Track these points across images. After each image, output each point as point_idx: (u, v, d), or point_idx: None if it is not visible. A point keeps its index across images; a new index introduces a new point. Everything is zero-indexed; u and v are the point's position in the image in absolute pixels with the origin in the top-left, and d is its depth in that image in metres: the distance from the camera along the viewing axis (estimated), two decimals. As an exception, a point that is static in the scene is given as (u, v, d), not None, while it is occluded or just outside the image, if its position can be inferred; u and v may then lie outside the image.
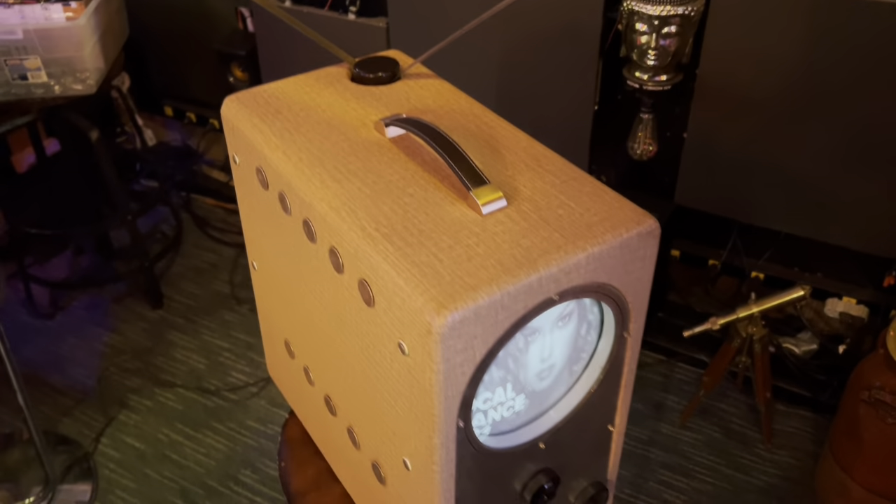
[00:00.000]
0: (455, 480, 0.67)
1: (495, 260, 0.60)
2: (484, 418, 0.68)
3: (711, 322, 1.72)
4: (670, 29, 1.56)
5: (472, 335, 0.58)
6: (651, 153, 1.79)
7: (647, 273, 0.68)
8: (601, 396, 0.75)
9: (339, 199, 0.67)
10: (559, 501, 0.82)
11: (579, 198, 0.67)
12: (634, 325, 0.71)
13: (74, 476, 1.82)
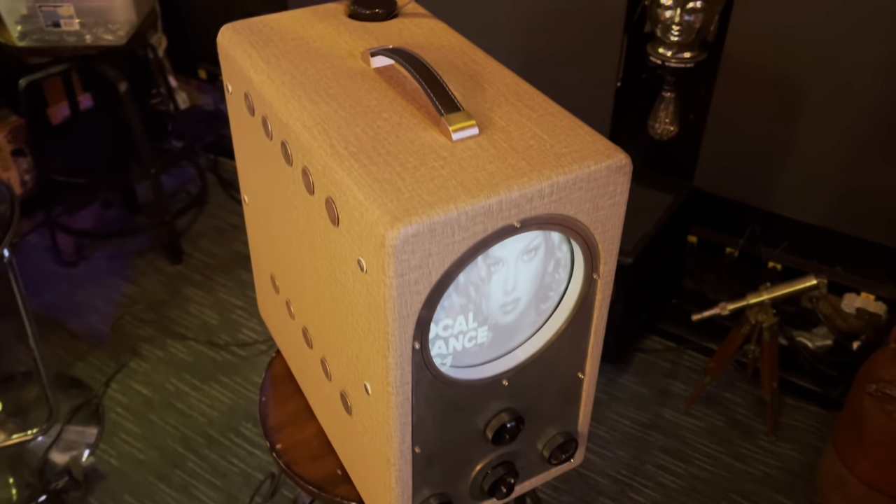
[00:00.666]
0: (412, 405, 0.68)
1: (457, 181, 0.60)
2: (445, 346, 0.68)
3: (721, 307, 1.70)
4: (695, 4, 1.53)
5: (426, 252, 0.58)
6: (671, 133, 1.77)
7: (617, 212, 0.67)
8: (570, 340, 0.75)
9: (314, 120, 0.67)
10: (527, 448, 0.82)
11: (553, 131, 0.66)
12: (605, 268, 0.71)
13: (83, 417, 1.86)
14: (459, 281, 0.64)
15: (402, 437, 0.69)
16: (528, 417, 0.78)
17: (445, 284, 0.61)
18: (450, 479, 0.77)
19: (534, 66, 1.88)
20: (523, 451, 0.81)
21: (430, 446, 0.72)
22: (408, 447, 0.71)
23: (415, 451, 0.72)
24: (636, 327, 1.98)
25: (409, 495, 0.75)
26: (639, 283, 1.79)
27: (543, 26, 1.81)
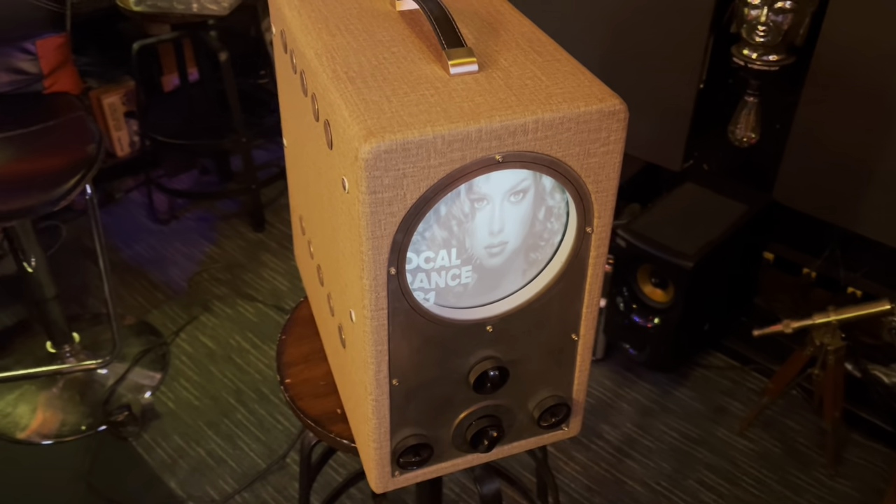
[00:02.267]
0: (388, 333, 0.69)
1: (441, 109, 0.61)
2: (427, 280, 0.69)
3: (784, 324, 1.62)
4: (784, 4, 1.47)
5: (400, 172, 0.59)
6: (752, 140, 1.71)
7: (611, 162, 0.66)
8: (562, 296, 0.74)
9: (325, 48, 0.70)
10: (516, 407, 0.81)
11: (553, 74, 0.66)
12: (599, 222, 0.69)
13: (150, 360, 1.97)
14: (441, 212, 0.65)
15: (378, 365, 0.70)
16: (516, 371, 0.77)
17: (423, 210, 0.62)
18: (431, 422, 0.78)
19: (615, 60, 1.86)
20: (512, 409, 0.81)
21: (408, 381, 0.73)
22: (384, 377, 0.72)
23: (392, 384, 0.73)
24: (696, 339, 1.91)
25: (387, 429, 0.76)
26: (700, 292, 1.73)
27: (627, 20, 1.79)
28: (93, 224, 1.61)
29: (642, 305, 1.79)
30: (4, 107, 1.63)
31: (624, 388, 1.92)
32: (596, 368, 1.96)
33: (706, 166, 1.93)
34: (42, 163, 1.46)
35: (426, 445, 0.78)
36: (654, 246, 1.69)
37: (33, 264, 1.69)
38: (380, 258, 0.64)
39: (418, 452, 0.78)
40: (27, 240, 1.66)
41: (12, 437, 1.77)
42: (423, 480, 0.82)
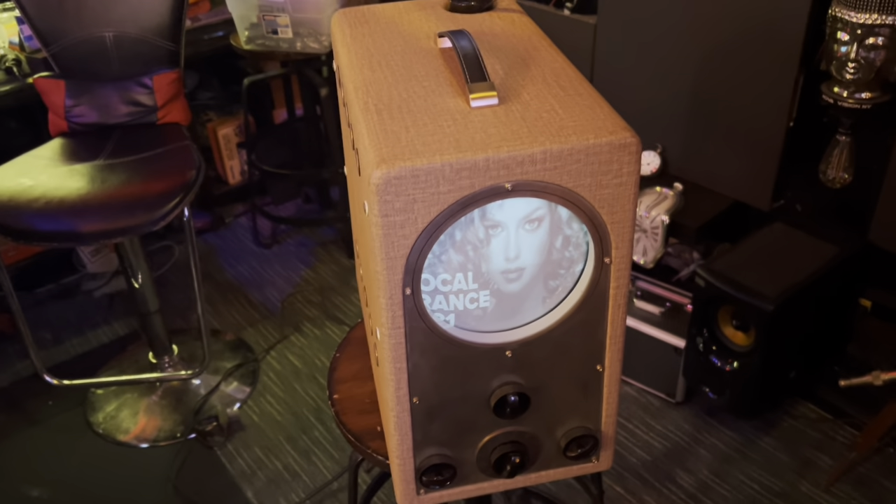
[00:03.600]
0: (406, 352, 0.72)
1: (454, 139, 0.64)
2: (446, 302, 0.72)
3: (873, 376, 1.53)
4: (876, 41, 1.42)
5: (410, 197, 0.63)
6: (845, 181, 1.63)
7: (625, 194, 0.67)
8: (583, 326, 0.75)
9: (364, 82, 0.75)
10: (543, 434, 0.82)
11: (571, 107, 0.68)
12: (617, 252, 0.70)
13: (241, 375, 2.08)
14: (455, 237, 0.68)
15: (398, 381, 0.74)
16: (539, 399, 0.78)
17: (435, 234, 0.66)
18: (455, 443, 0.80)
19: (705, 98, 1.83)
20: (538, 437, 0.82)
21: (430, 400, 0.76)
22: (404, 394, 0.75)
23: (413, 401, 0.76)
24: (782, 386, 1.83)
25: (410, 447, 0.79)
26: (782, 337, 1.66)
27: (718, 57, 1.77)
28: (189, 244, 1.74)
29: (722, 347, 1.74)
30: (122, 135, 1.80)
31: (703, 432, 1.86)
32: (675, 412, 1.91)
33: (799, 207, 1.86)
34: (147, 186, 1.60)
35: (449, 466, 0.81)
36: (734, 286, 1.64)
37: (140, 280, 1.84)
38: (394, 278, 0.67)
39: (441, 472, 0.81)
40: (135, 257, 1.81)
41: (115, 438, 1.92)
42: (449, 502, 0.84)
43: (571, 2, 2.08)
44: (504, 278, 0.72)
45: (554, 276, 0.73)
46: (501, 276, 0.71)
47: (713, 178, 1.92)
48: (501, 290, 0.72)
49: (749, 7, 1.66)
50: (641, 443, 1.85)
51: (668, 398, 1.94)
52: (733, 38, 1.72)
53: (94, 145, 1.75)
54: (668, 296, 1.98)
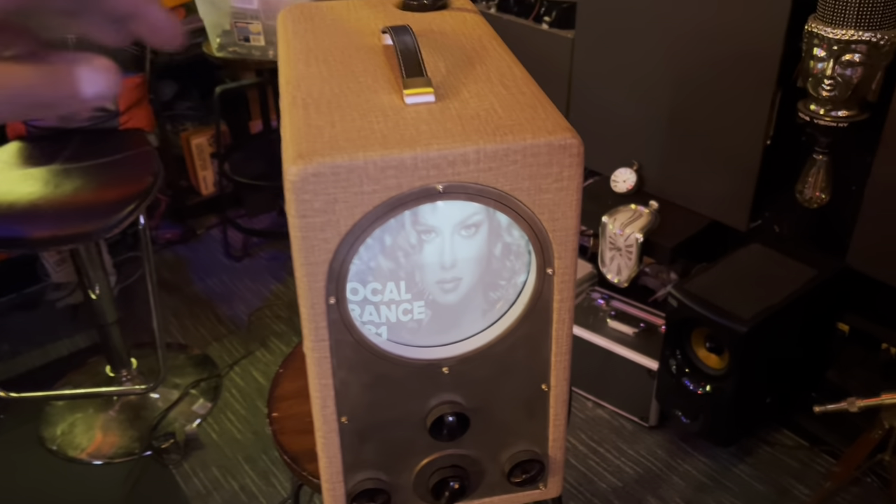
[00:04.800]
0: (332, 367, 0.66)
1: (382, 136, 0.59)
2: (376, 314, 0.67)
3: (849, 402, 1.48)
4: (853, 57, 1.39)
5: (331, 196, 0.58)
6: (822, 201, 1.60)
7: (567, 199, 0.62)
8: (526, 341, 0.69)
9: (296, 76, 0.70)
10: (486, 458, 0.76)
11: (512, 107, 0.63)
12: (560, 263, 0.65)
13: (202, 391, 2.02)
14: (385, 242, 0.63)
15: (324, 400, 0.68)
16: (480, 420, 0.73)
17: (360, 238, 0.60)
18: (390, 467, 0.74)
19: (683, 115, 1.80)
20: (480, 461, 0.76)
21: (360, 419, 0.70)
22: (331, 413, 0.69)
23: (341, 421, 0.70)
24: (757, 413, 1.78)
25: (339, 470, 0.73)
26: (757, 361, 1.61)
27: (694, 74, 1.73)
28: (144, 253, 1.68)
29: (695, 370, 1.68)
30: (82, 140, 1.74)
31: (677, 458, 1.80)
32: (648, 436, 1.86)
33: (777, 228, 1.82)
34: (102, 192, 1.55)
35: (382, 492, 0.75)
36: (708, 308, 1.59)
37: (97, 291, 1.78)
38: (316, 286, 0.62)
39: (373, 498, 0.75)
40: (91, 266, 1.74)
41: (67, 455, 1.84)
42: None
43: (550, 16, 2.05)
44: (440, 288, 0.66)
45: (494, 287, 0.67)
46: (437, 286, 0.66)
47: (690, 196, 1.88)
48: (437, 301, 0.67)
49: (727, 24, 1.63)
50: (612, 468, 1.79)
51: (641, 422, 1.89)
52: (711, 55, 1.68)
53: (52, 150, 1.69)
54: (643, 316, 1.93)
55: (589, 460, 1.81)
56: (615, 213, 1.90)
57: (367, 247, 0.62)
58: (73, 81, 0.38)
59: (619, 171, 1.98)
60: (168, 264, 2.54)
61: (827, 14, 1.38)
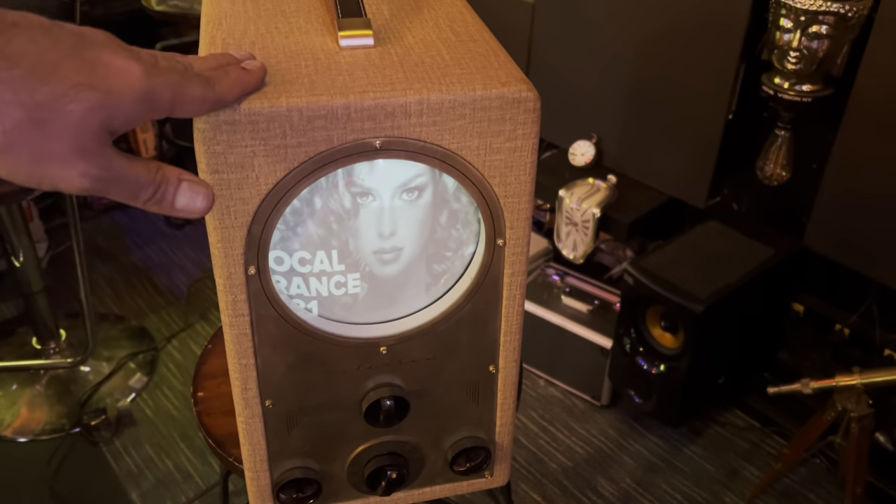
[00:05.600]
0: (253, 346, 0.59)
1: (310, 81, 0.51)
2: (305, 287, 0.59)
3: (802, 384, 1.45)
4: (820, 29, 1.34)
5: (248, 150, 0.50)
6: (783, 179, 1.56)
7: (521, 161, 0.55)
8: (473, 319, 0.63)
9: (218, 14, 0.61)
10: (428, 446, 0.70)
11: (462, 55, 0.56)
12: (512, 233, 0.58)
13: (138, 364, 1.91)
14: (315, 205, 0.55)
15: (245, 381, 0.61)
16: (421, 404, 0.66)
17: (284, 199, 0.53)
18: (321, 455, 0.68)
19: (645, 86, 1.74)
20: (421, 448, 0.70)
21: (287, 404, 0.63)
22: (253, 396, 0.62)
23: (265, 405, 0.63)
24: (710, 393, 1.75)
25: (264, 458, 0.66)
26: (712, 340, 1.58)
27: (657, 46, 1.67)
28: (70, 218, 1.56)
29: (650, 349, 1.65)
30: (4, 94, 1.61)
31: (628, 439, 1.77)
32: (600, 415, 1.82)
33: (735, 206, 1.79)
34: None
35: (312, 481, 0.68)
36: (663, 286, 1.55)
37: (21, 258, 1.66)
38: (233, 253, 0.54)
39: (302, 489, 0.68)
40: (14, 231, 1.62)
41: (-12, 431, 1.73)
42: None
43: (510, -20, 1.97)
44: (378, 259, 0.59)
45: (439, 259, 0.60)
46: (374, 257, 0.59)
47: (648, 172, 1.83)
48: (375, 273, 0.60)
49: (692, -9, 1.57)
50: (563, 448, 1.75)
51: (593, 401, 1.85)
52: (675, 24, 1.62)
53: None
54: (597, 293, 1.89)
55: (539, 440, 1.77)
56: (572, 187, 1.84)
57: (293, 210, 0.55)
58: (174, 191, 0.44)
59: (577, 144, 1.92)
60: (104, 231, 2.41)
61: (795, -17, 1.33)
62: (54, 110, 0.36)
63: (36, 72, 0.37)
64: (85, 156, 0.38)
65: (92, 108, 0.37)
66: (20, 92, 0.36)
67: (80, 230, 1.57)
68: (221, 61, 0.47)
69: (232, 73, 0.47)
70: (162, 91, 0.41)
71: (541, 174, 2.02)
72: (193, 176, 0.45)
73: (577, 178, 1.86)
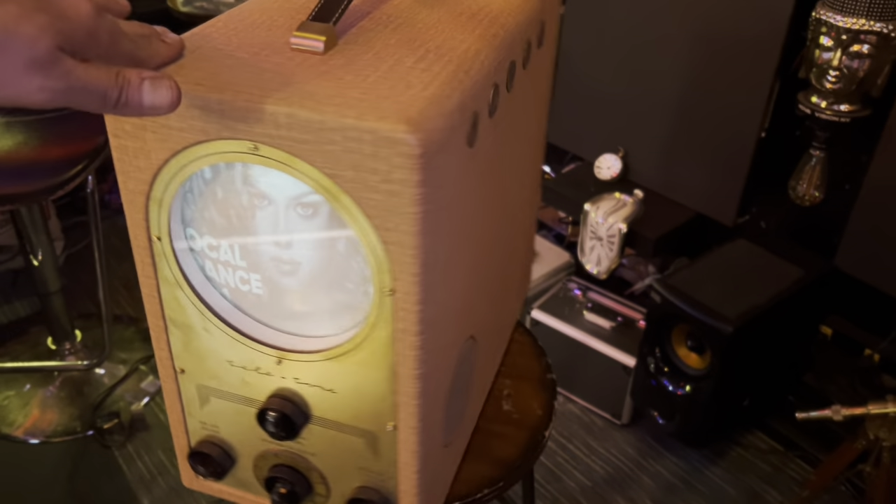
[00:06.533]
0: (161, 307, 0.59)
1: (210, 70, 0.50)
2: (216, 272, 0.58)
3: (833, 410, 1.37)
4: (861, 48, 1.27)
5: (139, 122, 0.51)
6: (816, 199, 1.48)
7: (401, 207, 0.48)
8: (367, 368, 0.57)
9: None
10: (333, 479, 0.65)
11: (393, 79, 0.50)
12: (400, 286, 0.51)
13: (152, 367, 1.91)
14: (217, 194, 0.54)
15: (158, 340, 0.62)
16: (325, 434, 0.62)
17: (176, 178, 0.53)
18: (235, 440, 0.66)
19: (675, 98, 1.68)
20: (326, 479, 0.65)
21: (196, 377, 0.63)
22: (166, 357, 0.62)
23: (178, 371, 0.63)
24: (734, 415, 1.68)
25: (180, 419, 0.66)
26: (739, 362, 1.51)
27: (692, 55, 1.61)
28: (91, 218, 1.57)
29: (675, 370, 1.58)
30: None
31: (648, 459, 1.70)
32: (620, 434, 1.76)
33: (764, 224, 1.72)
34: (46, 149, 1.44)
35: (216, 462, 0.66)
36: (692, 304, 1.49)
37: (40, 257, 1.67)
38: (136, 216, 0.55)
39: (206, 464, 0.66)
40: (34, 230, 1.63)
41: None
42: (228, 500, 0.71)
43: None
44: (276, 267, 0.56)
45: (340, 288, 0.55)
46: (273, 264, 0.56)
47: (676, 187, 1.77)
48: (275, 280, 0.57)
49: (727, 5, 1.51)
50: (582, 466, 1.69)
51: (613, 419, 1.79)
52: (709, 39, 1.56)
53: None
54: (621, 310, 1.83)
55: (557, 457, 1.72)
56: (598, 201, 1.79)
57: (201, 193, 0.54)
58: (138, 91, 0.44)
59: (603, 157, 1.87)
60: (121, 232, 2.42)
61: (838, 1, 1.27)
62: (9, 31, 0.39)
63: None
64: (41, 70, 0.40)
65: (43, 27, 0.40)
66: None
67: (101, 231, 1.57)
68: (145, 31, 0.49)
69: (154, 42, 0.49)
70: (104, 33, 0.43)
71: (565, 187, 1.97)
72: (154, 72, 0.45)
73: (603, 192, 1.81)
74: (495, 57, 0.57)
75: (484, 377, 0.82)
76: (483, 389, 0.83)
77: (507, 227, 0.76)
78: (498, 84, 0.58)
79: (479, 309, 0.70)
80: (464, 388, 0.70)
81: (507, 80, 0.61)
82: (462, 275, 0.61)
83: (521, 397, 0.88)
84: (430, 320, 0.53)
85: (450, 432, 0.68)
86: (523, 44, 0.65)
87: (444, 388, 0.62)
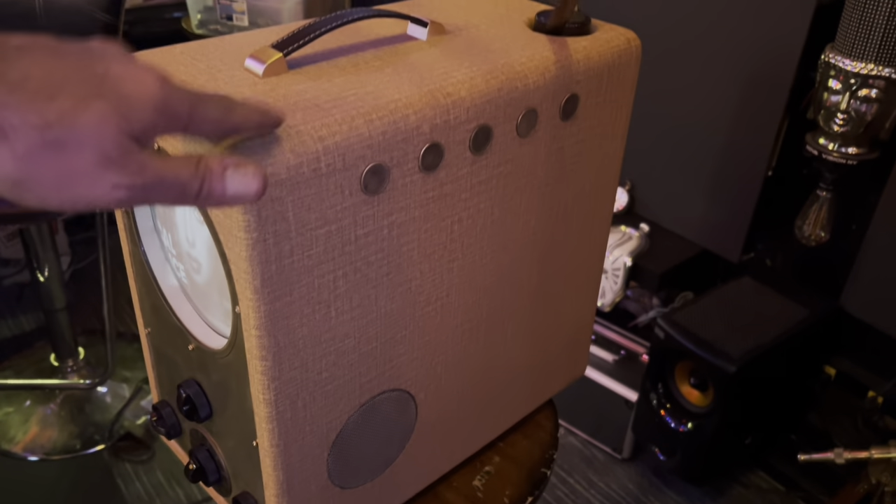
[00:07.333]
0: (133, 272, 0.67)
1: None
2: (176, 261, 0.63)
3: (835, 453, 1.40)
4: (870, 92, 1.31)
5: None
6: (822, 240, 1.52)
7: (232, 227, 0.48)
8: (237, 379, 0.57)
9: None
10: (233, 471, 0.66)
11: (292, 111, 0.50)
12: (243, 306, 0.51)
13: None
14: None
15: (134, 297, 0.69)
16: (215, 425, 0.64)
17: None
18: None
19: (683, 133, 1.72)
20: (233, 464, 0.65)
21: (155, 340, 0.69)
22: (139, 314, 0.69)
23: (146, 329, 0.69)
24: (736, 453, 1.70)
25: (152, 374, 0.73)
26: (742, 401, 1.54)
27: (702, 92, 1.65)
28: (98, 235, 1.56)
29: (677, 406, 1.60)
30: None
31: (648, 495, 1.72)
32: (620, 469, 1.77)
33: (769, 262, 1.75)
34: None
35: (166, 422, 0.70)
36: (695, 342, 1.51)
37: (46, 273, 1.66)
38: None
39: (159, 422, 0.70)
40: (42, 247, 1.62)
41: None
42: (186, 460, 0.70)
43: (550, 21, 1.96)
44: (189, 263, 0.60)
45: (226, 296, 0.54)
46: (188, 259, 0.60)
47: (682, 222, 1.80)
48: (190, 273, 0.61)
49: (738, 44, 1.55)
50: (581, 500, 1.70)
51: (614, 453, 1.80)
52: (719, 76, 1.60)
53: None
54: (624, 343, 1.85)
55: (557, 490, 1.72)
56: (603, 233, 1.81)
57: None
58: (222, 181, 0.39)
59: (609, 190, 1.89)
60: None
61: (847, 45, 1.30)
62: (67, 126, 0.34)
63: (42, 92, 0.35)
64: (112, 166, 0.35)
65: (105, 116, 0.35)
66: (28, 114, 0.34)
67: (108, 248, 1.56)
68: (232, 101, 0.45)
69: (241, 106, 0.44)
70: (179, 103, 0.39)
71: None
72: (237, 158, 0.41)
73: (609, 224, 1.83)
74: (433, 115, 0.54)
75: (450, 441, 0.75)
76: (450, 453, 0.76)
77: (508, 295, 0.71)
78: (441, 143, 0.55)
79: (423, 364, 0.65)
80: (390, 439, 0.66)
81: (470, 141, 0.57)
82: (369, 320, 0.58)
83: (498, 480, 0.78)
84: (279, 349, 0.52)
85: (354, 477, 0.65)
86: (515, 109, 0.61)
87: (322, 424, 0.59)
